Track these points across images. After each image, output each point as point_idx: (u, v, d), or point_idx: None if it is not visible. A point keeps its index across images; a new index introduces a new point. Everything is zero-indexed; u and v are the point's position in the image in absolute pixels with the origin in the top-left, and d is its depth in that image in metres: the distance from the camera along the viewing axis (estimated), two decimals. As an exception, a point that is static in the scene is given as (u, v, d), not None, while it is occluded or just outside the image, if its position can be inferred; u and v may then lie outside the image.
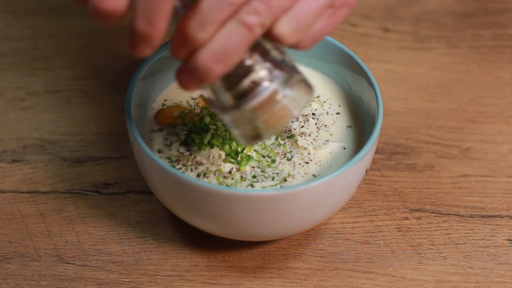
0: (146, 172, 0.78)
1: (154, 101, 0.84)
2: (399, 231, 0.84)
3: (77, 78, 0.97)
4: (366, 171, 0.79)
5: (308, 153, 0.80)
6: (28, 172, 0.88)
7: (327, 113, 0.84)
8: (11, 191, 0.87)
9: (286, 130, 0.82)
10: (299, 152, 0.80)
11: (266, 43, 0.67)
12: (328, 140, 0.81)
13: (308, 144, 0.80)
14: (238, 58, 0.64)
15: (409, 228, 0.85)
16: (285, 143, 0.81)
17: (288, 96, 0.67)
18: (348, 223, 0.85)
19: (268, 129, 0.68)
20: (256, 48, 0.67)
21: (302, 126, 0.82)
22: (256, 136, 0.69)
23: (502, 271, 0.82)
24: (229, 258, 0.82)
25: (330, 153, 0.80)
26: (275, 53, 0.67)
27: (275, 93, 0.66)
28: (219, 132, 0.79)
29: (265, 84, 0.66)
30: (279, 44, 0.66)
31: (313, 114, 0.83)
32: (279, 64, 0.67)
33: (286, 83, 0.67)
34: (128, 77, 0.96)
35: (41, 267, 0.81)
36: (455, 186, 0.88)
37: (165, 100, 0.84)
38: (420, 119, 0.94)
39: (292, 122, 0.82)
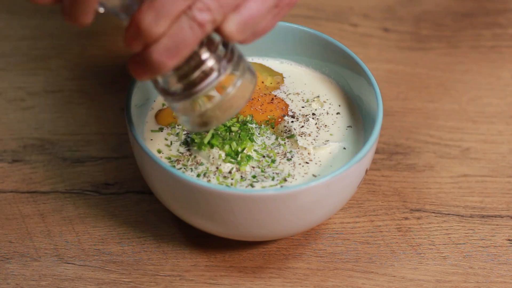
0: (146, 172, 0.78)
1: (154, 101, 0.84)
2: (399, 231, 0.84)
3: (77, 78, 0.97)
4: (366, 171, 0.79)
5: (308, 153, 0.80)
6: (28, 172, 0.88)
7: (327, 113, 0.84)
8: (11, 191, 0.87)
9: (286, 130, 0.82)
10: (299, 152, 0.80)
11: (215, 35, 0.70)
12: (328, 140, 0.81)
13: (308, 144, 0.80)
14: (190, 52, 0.67)
15: (409, 228, 0.85)
16: (285, 143, 0.81)
17: (235, 86, 0.70)
18: (348, 223, 0.85)
19: (215, 118, 0.71)
20: (206, 39, 0.69)
21: (302, 126, 0.82)
22: (203, 124, 0.72)
23: (502, 271, 0.82)
24: (229, 258, 0.82)
25: (330, 153, 0.80)
26: (221, 43, 0.70)
27: (223, 83, 0.70)
28: (219, 132, 0.79)
29: (214, 74, 0.69)
30: (226, 41, 0.69)
31: (313, 114, 0.83)
32: (227, 55, 0.70)
33: (234, 73, 0.70)
34: (128, 77, 0.95)
35: (41, 267, 0.81)
36: (455, 186, 0.88)
37: (165, 100, 0.84)
38: (420, 119, 0.94)
39: (292, 122, 0.82)
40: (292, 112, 0.83)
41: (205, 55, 0.69)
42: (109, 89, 0.96)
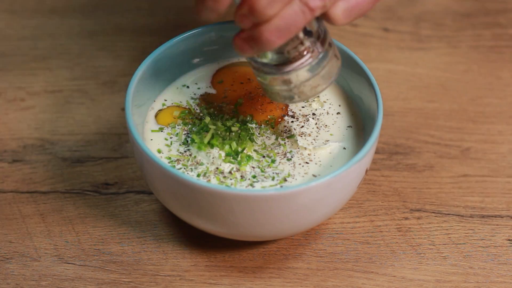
0: (146, 172, 0.78)
1: (154, 101, 0.84)
2: (399, 231, 0.84)
3: (77, 78, 0.97)
4: (366, 171, 0.79)
5: (308, 153, 0.80)
6: (28, 172, 0.88)
7: (327, 113, 0.84)
8: (11, 191, 0.87)
9: (286, 130, 0.82)
10: (299, 152, 0.80)
11: (313, 19, 0.74)
12: (328, 140, 0.81)
13: (308, 144, 0.80)
14: (296, 33, 0.72)
15: (409, 228, 0.85)
16: (285, 143, 0.81)
17: (325, 68, 0.75)
18: (348, 223, 0.85)
19: (302, 94, 0.75)
20: None
21: (302, 126, 0.82)
22: (289, 97, 0.76)
23: (502, 271, 0.82)
24: (229, 258, 0.82)
25: (330, 153, 0.80)
26: (318, 28, 0.74)
27: (316, 65, 0.74)
28: (219, 132, 0.79)
29: (309, 55, 0.74)
30: (330, 24, 0.74)
31: (313, 114, 0.83)
32: (321, 38, 0.74)
33: (325, 57, 0.74)
34: (128, 77, 0.96)
35: (41, 267, 0.81)
36: (455, 186, 0.88)
37: (165, 100, 0.84)
38: (420, 119, 0.94)
39: (292, 122, 0.82)
40: (292, 112, 0.83)
41: (303, 36, 0.73)
42: (109, 89, 0.96)
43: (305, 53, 0.74)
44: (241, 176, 0.78)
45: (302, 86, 0.75)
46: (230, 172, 0.78)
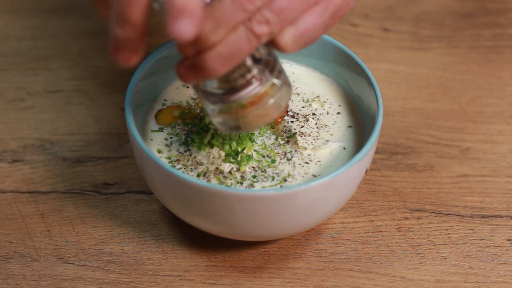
0: (146, 172, 0.78)
1: (154, 101, 0.84)
2: (399, 231, 0.84)
3: (77, 78, 0.97)
4: (366, 171, 0.79)
5: (308, 153, 0.80)
6: (28, 172, 0.88)
7: (327, 113, 0.84)
8: (11, 191, 0.87)
9: (286, 130, 0.82)
10: (299, 152, 0.80)
11: (261, 46, 0.71)
12: (328, 140, 0.81)
13: (308, 144, 0.80)
14: (242, 60, 0.68)
15: (409, 228, 0.85)
16: (285, 143, 0.81)
17: (275, 97, 0.72)
18: (348, 223, 0.85)
19: (249, 124, 0.73)
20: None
21: (302, 126, 0.82)
22: (236, 128, 0.73)
23: (502, 271, 0.82)
24: (229, 258, 0.82)
25: (330, 153, 0.80)
26: (267, 56, 0.71)
27: (264, 94, 0.71)
28: (219, 132, 0.79)
29: (256, 84, 0.71)
30: (278, 51, 0.70)
31: (313, 114, 0.83)
32: (269, 66, 0.71)
33: (274, 84, 0.71)
34: (128, 77, 0.95)
35: (41, 267, 0.81)
36: (455, 186, 0.88)
37: (165, 100, 0.84)
38: (420, 119, 0.94)
39: (292, 122, 0.82)
40: (292, 112, 0.83)
41: (251, 64, 0.70)
42: (109, 89, 0.96)
43: (252, 81, 0.71)
44: (241, 176, 0.78)
45: (249, 116, 0.72)
46: (230, 172, 0.78)
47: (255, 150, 0.79)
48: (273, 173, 0.78)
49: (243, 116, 0.72)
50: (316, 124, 0.82)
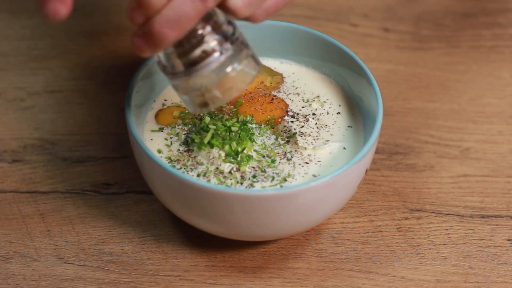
0: (146, 172, 0.78)
1: (154, 101, 0.84)
2: (399, 231, 0.84)
3: (77, 78, 0.97)
4: (366, 171, 0.79)
5: (308, 153, 0.80)
6: (28, 172, 0.88)
7: (327, 113, 0.84)
8: (11, 191, 0.87)
9: (286, 130, 0.82)
10: (299, 152, 0.80)
11: (219, 16, 0.70)
12: (328, 140, 0.81)
13: (308, 144, 0.80)
14: (191, 26, 0.67)
15: (409, 228, 0.85)
16: (285, 143, 0.81)
17: (236, 69, 0.71)
18: (348, 223, 0.85)
19: (215, 98, 0.72)
20: (209, 20, 0.70)
21: (302, 126, 0.82)
22: (203, 104, 0.73)
23: (502, 271, 0.82)
24: (229, 258, 0.82)
25: (330, 153, 0.80)
26: (227, 27, 0.71)
27: (224, 64, 0.71)
28: (219, 132, 0.79)
29: (215, 55, 0.70)
30: (232, 17, 0.69)
31: (313, 114, 0.83)
32: (230, 38, 0.71)
33: (236, 56, 0.71)
34: (128, 77, 0.95)
35: (41, 267, 0.81)
36: (455, 186, 0.88)
37: (165, 100, 0.84)
38: (420, 119, 0.94)
39: (292, 122, 0.82)
40: (292, 112, 0.83)
41: (207, 34, 0.70)
42: (109, 89, 0.96)
43: (212, 52, 0.70)
44: (241, 176, 0.78)
45: (213, 89, 0.71)
46: (230, 172, 0.78)
47: (255, 150, 0.79)
48: (273, 173, 0.78)
49: (208, 90, 0.71)
50: (316, 124, 0.82)
